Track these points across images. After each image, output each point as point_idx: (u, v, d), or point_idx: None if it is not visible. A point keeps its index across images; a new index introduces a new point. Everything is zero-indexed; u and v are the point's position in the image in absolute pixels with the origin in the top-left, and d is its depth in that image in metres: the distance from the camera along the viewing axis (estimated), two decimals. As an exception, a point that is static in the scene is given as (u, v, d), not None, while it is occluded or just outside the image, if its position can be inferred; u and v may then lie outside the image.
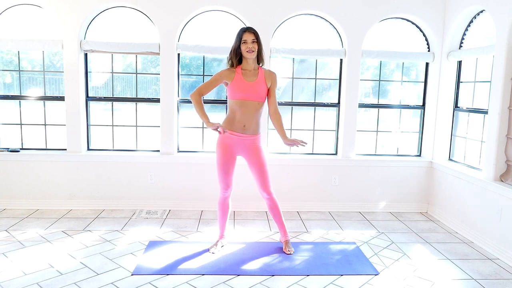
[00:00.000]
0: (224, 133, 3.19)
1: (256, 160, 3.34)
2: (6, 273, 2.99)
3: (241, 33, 3.20)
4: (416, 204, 4.80)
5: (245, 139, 3.28)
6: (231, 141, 3.29)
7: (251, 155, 3.33)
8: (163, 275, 3.04)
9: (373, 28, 4.61)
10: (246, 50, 3.18)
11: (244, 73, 3.25)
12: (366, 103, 4.81)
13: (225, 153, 3.32)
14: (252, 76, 3.25)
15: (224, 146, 3.31)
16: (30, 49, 4.43)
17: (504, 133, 3.69)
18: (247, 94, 3.21)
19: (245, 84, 3.22)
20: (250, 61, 3.25)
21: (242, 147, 3.31)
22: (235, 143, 3.29)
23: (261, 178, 3.37)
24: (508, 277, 3.19)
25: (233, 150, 3.32)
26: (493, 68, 3.75)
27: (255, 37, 3.19)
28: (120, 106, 4.70)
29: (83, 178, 4.52)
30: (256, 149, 3.33)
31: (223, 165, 3.34)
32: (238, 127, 3.26)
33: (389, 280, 3.07)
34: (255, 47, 3.19)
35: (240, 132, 3.27)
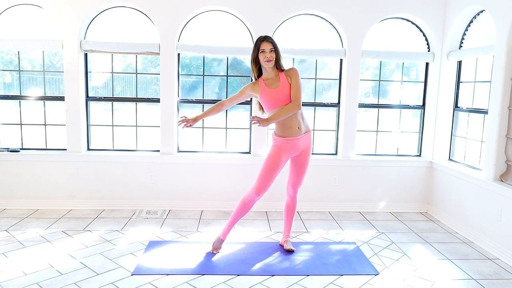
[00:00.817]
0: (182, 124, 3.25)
1: (305, 160, 3.39)
2: (6, 273, 2.99)
3: (259, 42, 3.20)
4: (416, 204, 4.80)
5: (300, 140, 3.29)
6: (287, 146, 3.28)
7: (303, 154, 3.36)
8: (163, 275, 3.04)
9: (373, 28, 4.61)
10: (265, 60, 3.18)
11: (267, 83, 3.26)
12: (366, 103, 4.81)
13: (279, 157, 3.28)
14: (275, 83, 3.25)
15: (280, 150, 3.28)
16: (30, 49, 4.43)
17: (504, 133, 3.69)
18: (279, 101, 3.22)
19: (272, 93, 3.22)
20: (269, 70, 3.25)
21: (298, 148, 3.31)
22: (291, 146, 3.29)
23: (300, 177, 3.44)
24: (508, 277, 3.19)
25: (288, 154, 3.32)
26: (493, 68, 3.74)
27: (273, 46, 3.19)
28: (120, 106, 4.70)
29: (83, 178, 4.52)
30: (308, 148, 3.38)
31: (273, 169, 3.29)
32: (293, 131, 3.25)
33: (389, 280, 3.07)
34: (273, 56, 3.19)
35: (297, 135, 3.27)
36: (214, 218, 4.34)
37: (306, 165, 3.42)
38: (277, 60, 3.25)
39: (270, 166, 3.29)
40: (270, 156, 3.30)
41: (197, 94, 4.68)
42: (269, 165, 3.29)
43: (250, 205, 3.39)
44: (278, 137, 3.30)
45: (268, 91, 3.23)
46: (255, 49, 3.21)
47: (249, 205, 3.39)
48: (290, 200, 3.55)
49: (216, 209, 4.59)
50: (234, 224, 3.48)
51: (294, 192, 3.51)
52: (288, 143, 3.28)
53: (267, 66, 3.21)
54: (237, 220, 3.46)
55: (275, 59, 3.21)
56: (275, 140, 3.33)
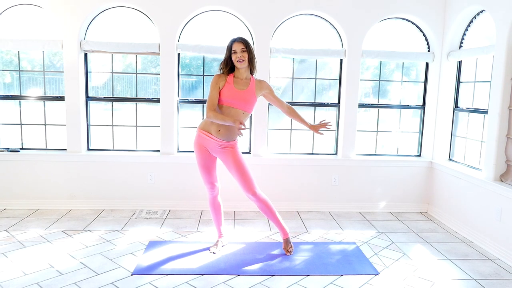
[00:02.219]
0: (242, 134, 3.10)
1: (232, 160, 3.29)
2: (6, 273, 2.99)
3: (231, 44, 3.21)
4: (416, 204, 4.80)
5: (218, 142, 3.26)
6: (205, 142, 3.30)
7: (226, 156, 3.31)
8: (163, 275, 3.04)
9: (373, 28, 4.61)
10: (236, 59, 3.17)
11: (235, 81, 3.25)
12: (366, 103, 4.81)
13: (201, 153, 3.33)
14: (243, 85, 3.25)
15: (199, 146, 3.32)
16: (30, 49, 4.43)
17: (504, 133, 3.69)
18: (234, 101, 3.20)
19: (234, 91, 3.21)
20: (242, 70, 3.25)
21: (216, 150, 3.29)
22: (209, 144, 3.28)
23: (241, 178, 3.29)
24: (508, 277, 3.19)
25: (208, 150, 3.32)
26: (493, 68, 3.75)
27: (244, 46, 3.18)
28: (120, 106, 4.70)
29: (83, 178, 4.52)
30: (230, 152, 3.29)
31: (202, 165, 3.36)
32: (213, 129, 3.24)
33: (389, 280, 3.07)
34: (245, 56, 3.18)
35: (214, 135, 3.25)
36: (214, 218, 4.34)
37: (239, 165, 3.29)
38: (250, 61, 3.22)
39: (199, 163, 3.38)
40: (195, 154, 3.38)
41: (197, 94, 4.68)
42: (197, 162, 3.38)
43: (216, 202, 3.52)
44: (200, 129, 3.32)
45: (233, 88, 3.21)
46: (228, 50, 3.22)
47: (215, 202, 3.52)
48: (257, 203, 3.38)
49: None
50: (219, 224, 3.58)
51: (252, 194, 3.31)
52: (204, 138, 3.28)
53: (240, 67, 3.20)
54: (218, 220, 3.57)
55: (248, 59, 3.20)
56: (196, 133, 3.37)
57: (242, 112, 3.24)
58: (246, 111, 3.26)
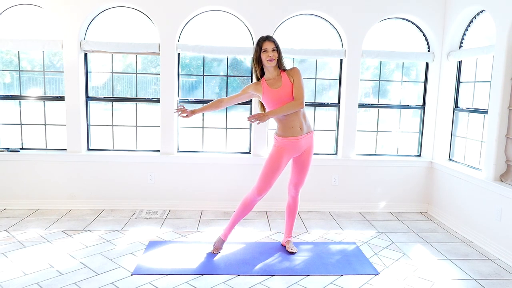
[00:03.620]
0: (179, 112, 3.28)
1: (307, 160, 3.38)
2: (6, 273, 2.99)
3: (261, 42, 3.20)
4: (416, 204, 4.80)
5: (301, 140, 3.28)
6: (289, 146, 3.27)
7: (305, 154, 3.35)
8: (163, 275, 3.04)
9: (373, 28, 4.61)
10: (267, 59, 3.18)
11: (269, 83, 3.26)
12: (366, 103, 4.81)
13: (280, 158, 3.27)
14: (277, 83, 3.25)
15: (282, 150, 3.27)
16: (30, 49, 4.43)
17: (504, 133, 3.69)
18: (281, 100, 3.21)
19: (274, 93, 3.22)
20: (271, 69, 3.25)
21: (299, 148, 3.30)
22: (293, 146, 3.28)
23: (301, 177, 3.43)
24: (508, 277, 3.19)
25: (289, 155, 3.31)
26: (493, 68, 3.74)
27: (275, 46, 3.20)
28: (120, 106, 4.70)
29: (83, 178, 4.52)
30: (310, 149, 3.38)
31: (274, 169, 3.28)
32: (295, 131, 3.24)
33: (389, 280, 3.07)
34: (276, 55, 3.19)
35: (299, 135, 3.26)
36: (214, 218, 4.34)
37: (308, 166, 3.41)
38: (279, 59, 3.25)
39: (271, 167, 3.28)
40: (272, 157, 3.29)
41: (197, 94, 4.68)
42: (270, 165, 3.28)
43: (251, 206, 3.39)
44: (279, 137, 3.30)
45: (271, 90, 3.23)
46: (258, 49, 3.21)
47: (250, 205, 3.38)
48: (291, 201, 3.55)
49: (216, 209, 4.59)
50: (235, 224, 3.48)
51: (295, 192, 3.50)
52: (290, 143, 3.27)
53: (270, 66, 3.21)
54: (238, 220, 3.46)
55: (277, 58, 3.22)
56: (276, 140, 3.33)
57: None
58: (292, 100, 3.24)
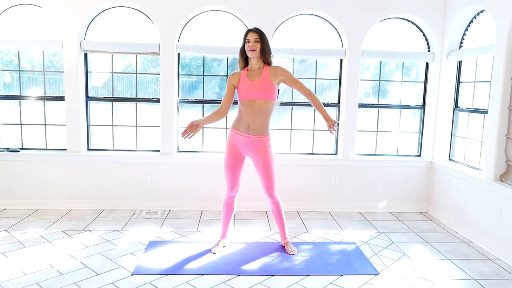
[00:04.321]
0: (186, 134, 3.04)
1: (262, 162, 3.31)
2: (6, 273, 2.99)
3: (246, 33, 3.25)
4: (416, 204, 4.80)
5: (250, 139, 3.26)
6: (237, 140, 3.30)
7: (257, 156, 3.31)
8: (163, 275, 3.04)
9: (373, 28, 4.60)
10: (248, 48, 3.20)
11: (249, 74, 3.27)
12: (366, 103, 4.81)
13: (232, 152, 3.34)
14: (256, 76, 3.25)
15: (231, 145, 3.33)
16: (30, 49, 4.43)
17: (504, 133, 3.69)
18: (251, 93, 3.21)
19: (249, 84, 3.22)
20: (254, 61, 3.26)
21: (247, 147, 3.30)
22: (241, 142, 3.29)
23: (266, 181, 3.35)
24: (508, 277, 3.19)
25: (239, 149, 3.32)
26: (493, 68, 3.74)
27: (258, 36, 3.20)
28: (120, 106, 4.70)
29: (83, 178, 4.52)
30: (262, 150, 3.29)
31: (230, 164, 3.36)
32: (243, 126, 3.26)
33: (389, 280, 3.07)
34: (257, 46, 3.19)
35: (244, 132, 3.26)
36: (214, 218, 4.34)
37: (265, 170, 3.31)
38: (263, 52, 3.23)
39: (226, 162, 3.38)
40: (226, 151, 3.38)
41: (197, 94, 4.68)
42: (225, 159, 3.38)
43: (231, 203, 3.50)
44: (231, 128, 3.34)
45: (247, 81, 3.24)
46: (243, 40, 3.26)
47: (230, 203, 3.50)
48: (271, 205, 3.48)
49: (216, 209, 4.58)
50: (227, 224, 3.56)
51: (270, 197, 3.41)
52: (235, 136, 3.30)
53: (251, 56, 3.22)
54: (228, 220, 3.55)
55: (260, 50, 3.21)
56: (229, 133, 3.38)
57: (264, 102, 3.22)
58: (267, 99, 3.23)
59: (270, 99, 3.25)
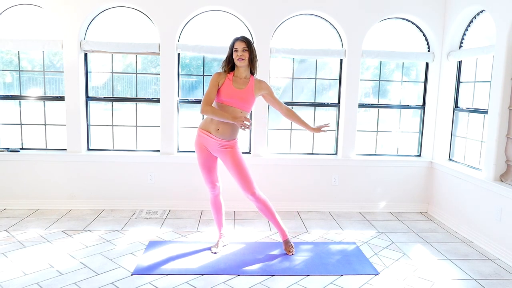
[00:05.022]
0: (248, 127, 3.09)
1: (231, 160, 3.28)
2: (6, 273, 2.99)
3: (233, 42, 3.22)
4: (416, 204, 4.80)
5: (217, 142, 3.25)
6: (205, 141, 3.29)
7: (225, 156, 3.30)
8: (163, 275, 3.04)
9: (373, 28, 4.61)
10: (237, 58, 3.18)
11: (234, 80, 3.24)
12: (366, 103, 4.81)
13: (202, 153, 3.34)
14: (241, 84, 3.24)
15: (200, 146, 3.33)
16: (30, 49, 4.43)
17: (504, 133, 3.69)
18: (232, 100, 3.19)
19: (232, 90, 3.20)
20: (242, 70, 3.25)
21: (214, 149, 3.28)
22: (208, 143, 3.28)
23: (240, 178, 3.29)
24: (508, 277, 3.19)
25: (208, 149, 3.32)
26: (493, 68, 3.75)
27: (246, 46, 3.18)
28: (120, 106, 4.70)
29: (83, 178, 4.52)
30: (229, 151, 3.28)
31: (203, 164, 3.37)
32: (212, 128, 3.23)
33: (389, 280, 3.07)
34: (246, 55, 3.18)
35: (213, 134, 3.24)
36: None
37: (238, 165, 3.29)
38: (251, 61, 3.23)
39: (199, 162, 3.39)
40: (196, 154, 3.39)
41: (197, 94, 4.68)
42: (198, 161, 3.39)
43: (217, 201, 3.52)
44: (198, 128, 3.34)
45: (231, 87, 3.20)
46: (230, 48, 3.23)
47: (216, 202, 3.53)
48: (255, 203, 3.41)
49: (216, 209, 4.58)
50: (220, 223, 3.60)
51: (251, 194, 3.33)
52: (203, 137, 3.28)
53: (240, 65, 3.21)
54: (219, 219, 3.59)
55: (248, 59, 3.20)
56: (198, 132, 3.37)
57: (240, 111, 3.23)
58: (244, 110, 3.25)
59: (247, 110, 3.27)
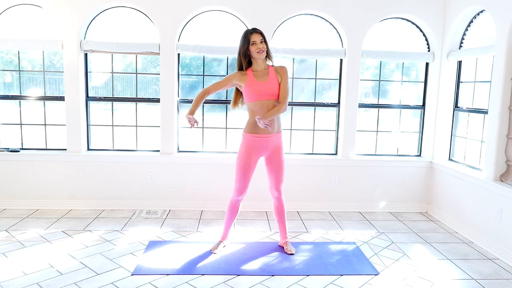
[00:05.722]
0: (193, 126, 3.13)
1: (278, 159, 3.35)
2: (6, 273, 2.99)
3: (249, 34, 3.18)
4: (416, 204, 4.80)
5: (270, 139, 3.27)
6: (256, 144, 3.27)
7: (274, 154, 3.33)
8: (163, 275, 3.04)
9: (373, 28, 4.61)
10: (257, 51, 3.17)
11: (255, 74, 3.24)
12: (366, 103, 4.81)
13: (249, 157, 3.28)
14: (263, 76, 3.24)
15: (249, 149, 3.28)
16: (30, 49, 4.43)
17: (504, 133, 3.69)
18: (262, 94, 3.20)
19: (258, 85, 3.20)
20: (260, 61, 3.24)
21: (267, 146, 3.29)
22: (261, 145, 3.27)
23: (278, 177, 3.38)
24: (508, 277, 3.19)
25: (258, 153, 3.30)
26: (493, 68, 3.74)
27: (262, 37, 3.19)
28: (120, 106, 4.70)
29: (83, 178, 4.52)
30: (279, 148, 3.35)
31: (247, 170, 3.30)
32: (265, 129, 3.19)
33: (389, 280, 3.07)
34: (265, 47, 3.19)
35: (264, 133, 3.24)
36: (214, 218, 4.34)
37: (280, 165, 3.36)
38: (268, 52, 3.24)
39: (242, 166, 3.30)
40: (240, 156, 3.30)
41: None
42: (240, 165, 3.30)
43: (237, 207, 3.46)
44: (247, 133, 3.29)
45: (256, 82, 3.21)
46: (245, 42, 3.18)
47: (235, 207, 3.45)
48: (276, 202, 3.49)
49: (216, 209, 4.59)
50: (229, 227, 3.54)
51: (278, 193, 3.44)
52: (257, 141, 3.26)
53: (259, 57, 3.20)
54: (231, 223, 3.53)
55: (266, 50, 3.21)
56: (244, 137, 3.32)
57: (274, 101, 3.23)
58: (276, 99, 3.25)
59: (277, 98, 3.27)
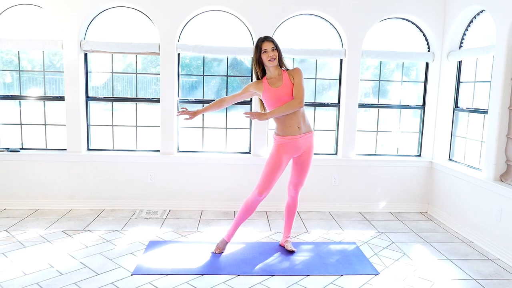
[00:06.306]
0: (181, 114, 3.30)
1: (306, 160, 3.38)
2: (6, 273, 2.99)
3: (260, 43, 3.21)
4: (416, 204, 4.80)
5: (299, 140, 3.28)
6: (290, 146, 3.28)
7: (304, 154, 3.35)
8: (163, 275, 3.04)
9: (373, 28, 4.61)
10: (268, 59, 3.20)
11: (270, 82, 3.27)
12: (366, 103, 4.81)
13: (280, 157, 3.28)
14: (277, 82, 3.26)
15: (280, 149, 3.28)
16: (30, 49, 4.43)
17: (504, 133, 3.69)
18: (279, 100, 3.22)
19: (274, 91, 3.23)
20: (272, 69, 3.27)
21: (298, 148, 3.30)
22: (294, 146, 3.29)
23: (301, 178, 3.44)
24: (508, 277, 3.19)
25: (289, 154, 3.31)
26: (493, 68, 3.75)
27: (274, 45, 3.21)
28: (120, 106, 4.70)
29: (83, 178, 4.52)
30: (310, 149, 3.38)
31: (274, 168, 3.28)
32: (293, 130, 3.24)
33: (389, 280, 3.07)
34: (276, 55, 3.21)
35: (297, 135, 3.26)
36: (214, 218, 4.34)
37: (307, 166, 3.42)
38: (280, 58, 3.27)
39: (272, 167, 3.28)
40: (272, 157, 3.31)
41: (197, 94, 4.68)
42: (271, 165, 3.29)
43: (254, 207, 3.38)
44: (278, 136, 3.31)
45: (271, 89, 3.24)
46: (257, 50, 3.22)
47: (253, 207, 3.38)
48: (291, 201, 3.55)
49: (216, 209, 4.59)
50: (238, 226, 3.49)
51: (295, 192, 3.51)
52: (288, 142, 3.28)
53: (271, 65, 3.23)
54: (242, 222, 3.47)
55: (278, 57, 3.23)
56: (275, 139, 3.34)
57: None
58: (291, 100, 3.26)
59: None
